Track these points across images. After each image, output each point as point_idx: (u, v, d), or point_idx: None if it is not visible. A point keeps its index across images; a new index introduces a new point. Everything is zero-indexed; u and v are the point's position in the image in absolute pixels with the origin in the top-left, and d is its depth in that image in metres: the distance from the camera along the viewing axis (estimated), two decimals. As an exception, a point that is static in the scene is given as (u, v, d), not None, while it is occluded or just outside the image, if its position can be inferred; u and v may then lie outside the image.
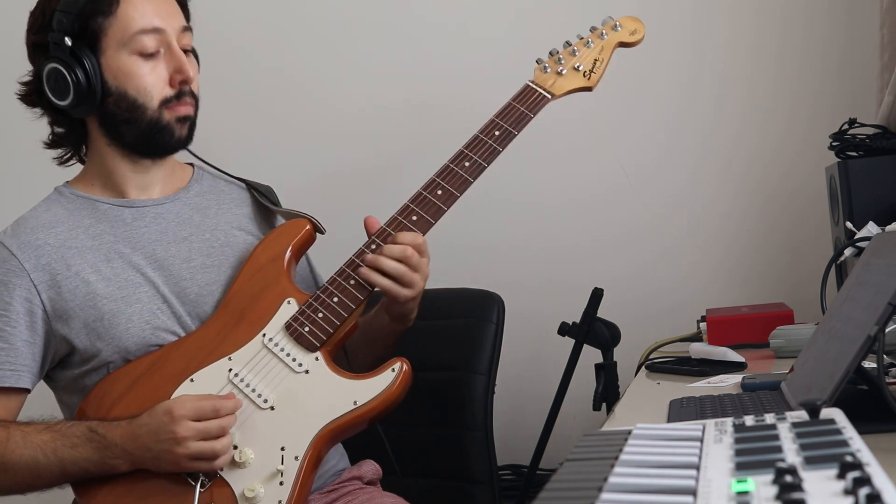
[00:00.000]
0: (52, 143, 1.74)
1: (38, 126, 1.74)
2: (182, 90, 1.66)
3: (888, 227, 1.88)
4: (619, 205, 2.53)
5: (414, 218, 1.66)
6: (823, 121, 2.25)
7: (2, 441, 1.56)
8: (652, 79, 2.52)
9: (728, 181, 2.48)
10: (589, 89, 1.83)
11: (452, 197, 1.68)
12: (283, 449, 1.55)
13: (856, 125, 2.08)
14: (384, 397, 1.57)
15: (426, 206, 1.67)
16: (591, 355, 2.10)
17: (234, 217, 1.77)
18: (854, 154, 2.07)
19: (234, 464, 1.54)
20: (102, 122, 1.67)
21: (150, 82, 1.63)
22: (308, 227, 1.72)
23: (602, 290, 2.06)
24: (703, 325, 2.12)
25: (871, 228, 1.90)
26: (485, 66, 2.53)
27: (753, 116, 2.46)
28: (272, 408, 1.58)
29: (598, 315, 2.07)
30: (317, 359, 1.60)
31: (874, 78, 2.25)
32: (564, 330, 2.09)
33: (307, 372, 1.59)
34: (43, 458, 1.54)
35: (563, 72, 1.80)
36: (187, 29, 1.69)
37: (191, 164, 1.82)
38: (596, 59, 1.83)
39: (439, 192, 1.68)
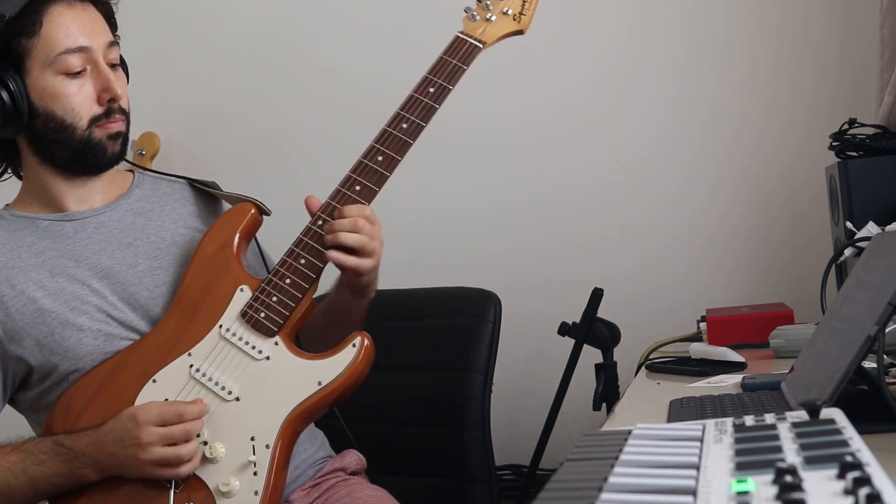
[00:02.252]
0: None
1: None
2: (111, 108, 1.63)
3: (888, 227, 1.88)
4: (620, 205, 2.53)
5: (357, 188, 1.62)
6: (823, 121, 2.24)
7: None
8: (651, 79, 2.52)
9: (728, 181, 2.48)
10: (521, 32, 1.76)
11: (394, 161, 1.63)
12: (253, 439, 1.54)
13: (856, 125, 2.08)
14: (348, 374, 1.55)
15: (368, 175, 1.62)
16: (591, 355, 2.10)
17: (178, 216, 1.75)
18: (854, 154, 2.07)
19: (205, 460, 1.54)
20: (32, 142, 1.65)
21: (77, 102, 1.61)
22: (253, 210, 1.70)
23: (602, 290, 2.06)
24: (703, 325, 2.11)
25: (871, 228, 1.90)
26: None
27: (754, 117, 2.46)
28: (237, 399, 1.56)
29: (598, 315, 2.07)
30: (276, 343, 1.58)
31: (874, 78, 2.25)
32: (564, 330, 2.09)
33: (268, 358, 1.58)
34: (14, 480, 1.55)
35: (492, 18, 1.74)
36: (114, 43, 1.67)
37: (131, 171, 1.81)
38: (524, 1, 1.75)
39: (380, 157, 1.63)
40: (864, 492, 0.63)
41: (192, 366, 1.59)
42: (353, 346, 1.57)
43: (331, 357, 1.57)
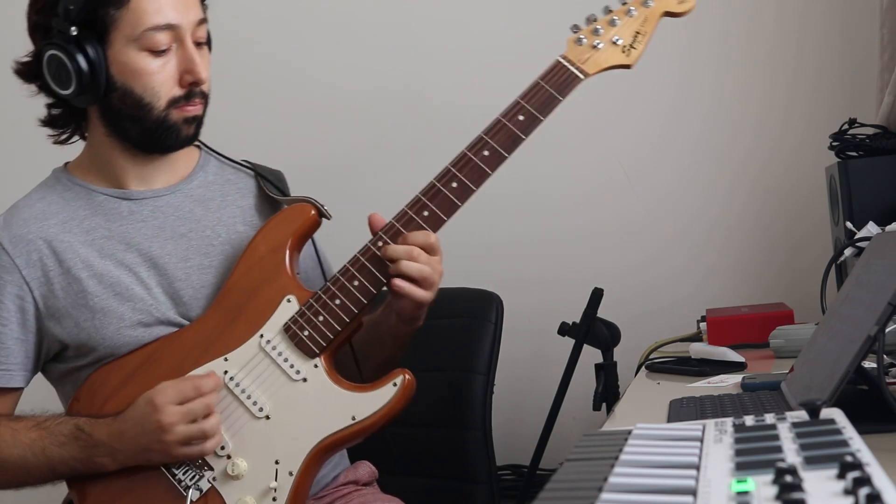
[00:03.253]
0: (48, 122, 1.66)
1: (38, 100, 1.66)
2: (192, 90, 1.57)
3: (888, 227, 1.88)
4: (621, 205, 2.53)
5: (425, 214, 1.53)
6: (823, 121, 2.24)
7: None
8: (651, 80, 2.52)
9: (728, 181, 2.48)
10: (627, 67, 1.60)
11: (468, 191, 1.53)
12: (277, 462, 1.50)
13: (856, 125, 2.08)
14: (384, 413, 1.49)
15: (439, 201, 1.53)
16: (591, 355, 2.10)
17: (237, 210, 1.68)
18: (854, 154, 2.07)
19: (227, 476, 1.50)
20: (104, 114, 1.59)
21: (158, 81, 1.54)
22: (312, 212, 1.61)
23: (602, 290, 2.06)
24: (703, 325, 2.11)
25: (871, 228, 1.90)
26: (484, 50, 2.53)
27: (754, 116, 2.46)
28: (267, 417, 1.52)
29: (598, 315, 2.07)
30: (315, 366, 1.52)
31: (874, 78, 2.25)
32: (564, 330, 2.09)
33: (305, 380, 1.52)
34: (32, 458, 1.53)
35: (600, 45, 1.58)
36: (203, 21, 1.59)
37: (198, 146, 1.73)
38: (638, 32, 1.59)
39: (454, 184, 1.53)
40: (864, 492, 0.63)
41: (226, 372, 1.54)
42: (395, 384, 1.50)
43: (370, 392, 1.50)
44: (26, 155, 2.06)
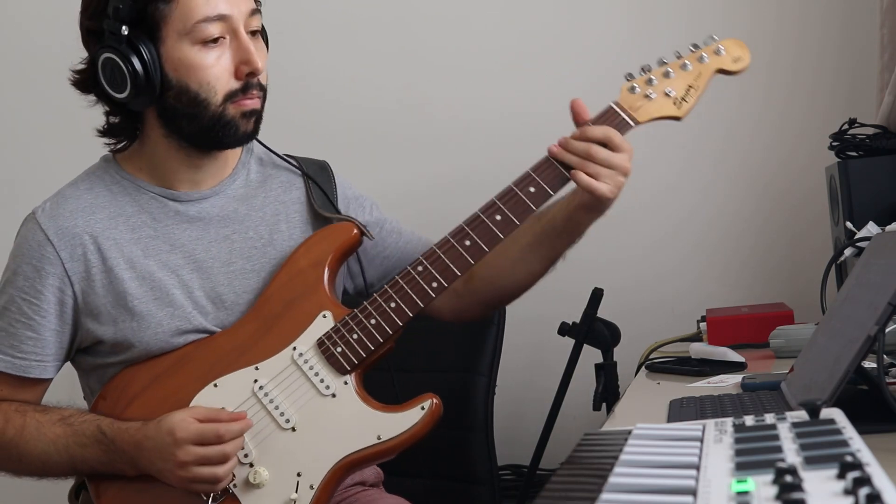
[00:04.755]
0: (107, 132, 1.63)
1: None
2: (249, 82, 1.53)
3: (888, 227, 1.88)
4: (621, 205, 2.52)
5: (467, 243, 1.55)
6: (823, 121, 2.24)
7: (18, 430, 1.55)
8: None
9: (727, 181, 2.48)
10: (677, 119, 1.61)
11: (511, 225, 1.55)
12: (299, 475, 1.50)
13: (856, 125, 2.09)
14: (409, 436, 1.51)
15: (481, 232, 1.55)
16: (591, 355, 2.10)
17: (280, 206, 1.66)
18: (854, 154, 2.07)
19: (248, 484, 1.50)
20: (162, 115, 1.56)
21: (213, 75, 1.51)
22: (355, 231, 1.62)
23: (602, 290, 2.06)
24: (703, 325, 2.12)
25: (871, 228, 1.91)
26: (484, 59, 2.53)
27: (754, 117, 2.46)
28: (293, 429, 1.52)
29: (598, 315, 2.07)
30: (346, 383, 1.53)
31: (874, 78, 2.25)
32: (564, 330, 2.09)
33: (334, 396, 1.53)
34: (55, 454, 1.54)
35: (653, 96, 1.59)
36: (256, 11, 1.55)
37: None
38: (690, 86, 1.61)
39: (498, 217, 1.55)
40: (864, 492, 0.63)
41: (256, 381, 1.54)
42: (422, 408, 1.51)
43: (397, 413, 1.52)
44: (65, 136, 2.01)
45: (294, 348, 1.55)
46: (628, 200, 2.55)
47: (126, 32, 1.49)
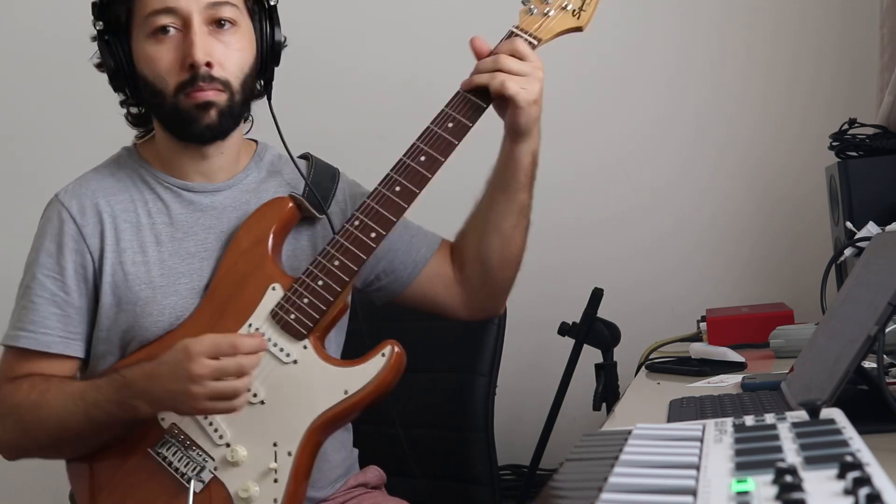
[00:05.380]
0: (131, 122, 1.69)
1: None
2: (196, 73, 1.53)
3: (888, 227, 1.88)
4: (621, 205, 2.53)
5: (397, 189, 1.56)
6: (823, 121, 2.24)
7: (42, 390, 1.55)
8: (650, 81, 2.52)
9: (727, 181, 2.48)
10: (579, 30, 1.64)
11: (437, 163, 1.57)
12: (275, 445, 1.51)
13: (856, 125, 2.09)
14: (376, 384, 1.51)
15: (409, 175, 1.57)
16: (591, 355, 2.10)
17: None
18: (854, 154, 2.07)
19: (227, 463, 1.52)
20: (149, 110, 1.63)
21: (163, 67, 1.54)
22: (290, 205, 1.63)
23: (602, 291, 2.06)
24: (703, 325, 2.12)
25: (871, 228, 1.90)
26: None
27: (754, 117, 2.46)
28: (262, 402, 1.53)
29: (598, 315, 2.07)
30: (305, 347, 1.54)
31: (874, 78, 2.25)
32: (564, 330, 2.09)
33: (295, 362, 1.54)
34: (72, 405, 1.52)
35: (550, 13, 1.62)
36: (222, 3, 1.55)
37: (255, 140, 1.73)
38: None
39: (422, 157, 1.57)
40: (864, 492, 0.63)
41: None
42: (383, 355, 1.52)
43: (359, 365, 1.53)
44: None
45: (250, 325, 1.56)
46: (628, 200, 2.58)
47: (101, 28, 1.56)
